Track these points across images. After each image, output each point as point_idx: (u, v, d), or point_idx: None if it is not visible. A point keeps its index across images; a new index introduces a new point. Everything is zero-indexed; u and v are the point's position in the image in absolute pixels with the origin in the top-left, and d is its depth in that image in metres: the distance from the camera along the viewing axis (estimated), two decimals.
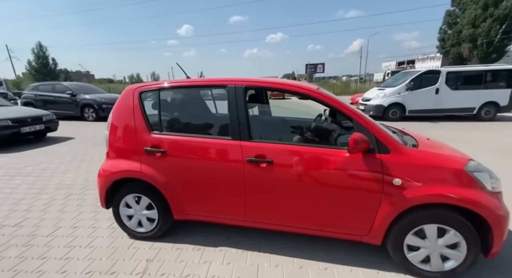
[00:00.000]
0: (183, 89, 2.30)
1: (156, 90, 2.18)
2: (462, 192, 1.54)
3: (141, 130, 2.11)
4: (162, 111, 2.15)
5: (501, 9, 28.25)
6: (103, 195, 2.26)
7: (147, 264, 1.95)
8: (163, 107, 2.16)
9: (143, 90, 2.19)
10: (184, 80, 2.20)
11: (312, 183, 1.78)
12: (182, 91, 2.36)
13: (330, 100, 1.80)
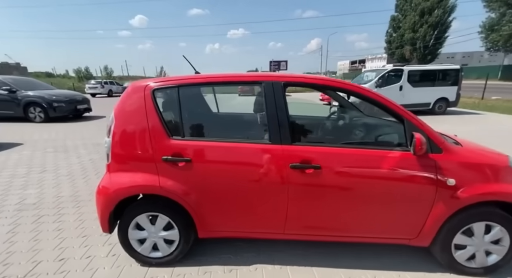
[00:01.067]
0: (207, 86, 1.97)
1: (175, 87, 1.82)
2: (510, 188, 1.60)
3: (157, 136, 1.74)
4: (183, 112, 1.80)
5: (434, 17, 32.29)
6: (106, 217, 1.83)
7: None
8: (184, 107, 1.82)
9: (158, 88, 1.81)
10: (208, 75, 1.88)
11: (362, 187, 1.67)
12: (206, 88, 2.03)
13: (380, 98, 1.72)
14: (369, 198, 1.69)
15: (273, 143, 1.70)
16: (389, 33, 37.92)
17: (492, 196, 1.60)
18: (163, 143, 1.74)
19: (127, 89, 1.88)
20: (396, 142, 1.74)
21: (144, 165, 1.76)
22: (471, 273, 1.76)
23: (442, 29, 32.83)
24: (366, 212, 1.72)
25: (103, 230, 1.90)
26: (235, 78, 1.89)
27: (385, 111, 1.72)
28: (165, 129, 1.75)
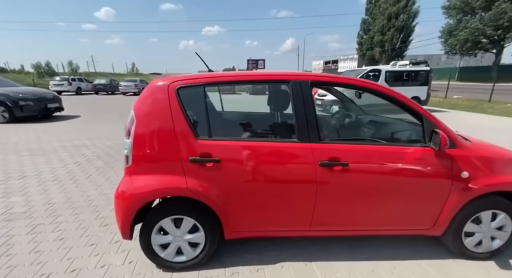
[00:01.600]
0: (233, 84, 1.92)
1: (200, 85, 1.76)
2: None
3: (184, 136, 1.67)
4: (209, 111, 1.75)
5: (400, 21, 34.56)
6: (128, 223, 1.73)
7: None
8: (210, 106, 1.76)
9: (182, 86, 1.73)
10: (235, 73, 1.84)
11: (386, 182, 1.77)
12: (231, 86, 1.98)
13: (402, 98, 1.82)
14: (391, 192, 1.79)
15: (302, 141, 1.72)
16: (360, 35, 39.85)
17: (499, 186, 1.78)
18: (190, 143, 1.68)
19: (148, 87, 1.78)
20: (414, 139, 1.86)
21: (170, 167, 1.69)
22: (478, 258, 1.95)
23: (407, 33, 35.25)
24: (388, 205, 1.82)
25: (123, 237, 1.79)
26: (263, 76, 1.88)
27: (406, 110, 1.82)
28: (192, 129, 1.69)
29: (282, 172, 1.73)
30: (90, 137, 5.91)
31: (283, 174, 1.73)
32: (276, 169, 1.73)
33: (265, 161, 1.73)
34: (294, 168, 1.73)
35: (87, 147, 5.11)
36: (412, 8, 34.00)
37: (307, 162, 1.70)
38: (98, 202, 2.85)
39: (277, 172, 1.73)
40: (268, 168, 1.73)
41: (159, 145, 1.70)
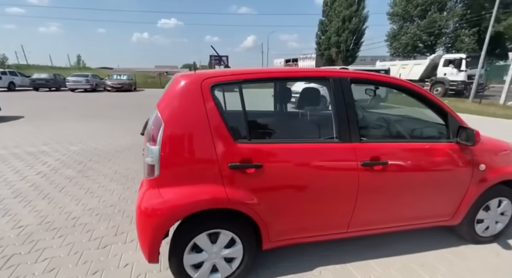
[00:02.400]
0: (272, 81, 1.76)
1: (237, 82, 1.57)
2: None
3: (221, 140, 1.48)
4: (247, 111, 1.57)
5: (353, 24, 37.32)
6: (158, 244, 1.47)
7: None
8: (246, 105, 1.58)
9: (217, 83, 1.52)
10: (274, 70, 1.68)
11: (418, 178, 1.83)
12: (268, 84, 1.81)
13: (432, 96, 1.90)
14: (422, 187, 1.86)
15: (343, 141, 1.66)
16: (318, 36, 41.95)
17: (506, 176, 1.99)
18: (228, 148, 1.49)
19: (173, 84, 1.52)
20: (439, 135, 1.95)
21: (206, 175, 1.48)
22: (485, 242, 2.16)
23: (359, 35, 38.25)
24: (419, 201, 1.89)
25: (151, 261, 1.52)
26: (300, 73, 1.76)
27: (433, 107, 1.90)
28: (230, 131, 1.50)
29: (325, 174, 1.66)
30: (46, 142, 5.03)
31: (326, 176, 1.66)
32: (319, 171, 1.64)
33: (308, 163, 1.63)
34: (337, 169, 1.67)
35: (47, 153, 4.33)
36: (363, 13, 37.00)
37: (350, 163, 1.66)
38: (85, 219, 2.41)
39: (320, 175, 1.65)
40: (312, 171, 1.63)
41: (193, 151, 1.47)
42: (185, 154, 1.46)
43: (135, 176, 3.47)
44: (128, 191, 3.04)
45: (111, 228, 2.30)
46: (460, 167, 1.87)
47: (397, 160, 1.75)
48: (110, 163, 3.96)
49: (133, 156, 4.28)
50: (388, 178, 1.75)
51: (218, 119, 1.48)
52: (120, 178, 3.40)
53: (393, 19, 35.13)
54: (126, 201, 2.79)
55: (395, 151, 1.76)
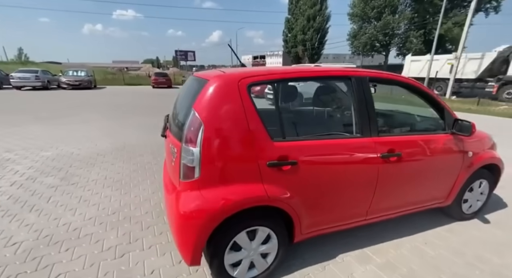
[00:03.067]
0: (303, 80, 1.80)
1: (272, 81, 1.60)
2: (495, 154, 2.38)
3: (260, 139, 1.51)
4: (281, 109, 1.62)
5: (317, 23, 38.82)
6: (201, 246, 1.46)
7: None
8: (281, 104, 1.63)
9: (254, 82, 1.53)
10: (300, 69, 1.74)
11: (425, 166, 2.07)
12: (298, 83, 1.85)
13: (434, 95, 2.14)
14: (427, 174, 2.10)
15: (364, 136, 1.80)
16: (285, 33, 42.82)
17: (486, 161, 2.33)
18: (266, 147, 1.53)
19: (210, 84, 1.49)
20: (436, 127, 2.20)
21: (247, 174, 1.50)
22: (468, 218, 2.52)
23: (323, 34, 39.97)
24: (424, 186, 2.14)
25: (192, 263, 1.50)
26: (327, 72, 1.85)
27: (432, 104, 2.15)
28: (267, 130, 1.54)
29: (350, 167, 1.78)
30: (8, 148, 4.43)
31: (352, 169, 1.79)
32: (345, 164, 1.77)
33: (336, 158, 1.74)
34: (362, 162, 1.80)
35: (15, 161, 3.83)
36: (326, 12, 38.66)
37: (371, 156, 1.81)
38: (90, 229, 2.23)
39: (346, 168, 1.77)
40: (339, 165, 1.75)
41: (233, 151, 1.48)
42: (225, 154, 1.46)
43: (129, 180, 3.27)
44: (127, 196, 2.86)
45: (122, 236, 2.17)
46: (454, 154, 2.15)
47: (408, 150, 1.94)
48: (95, 168, 3.66)
49: (119, 160, 4.01)
50: (401, 167, 1.94)
51: (256, 119, 1.50)
52: (114, 183, 3.18)
53: (353, 20, 37.30)
54: (128, 207, 2.63)
55: (405, 143, 1.96)
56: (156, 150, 4.52)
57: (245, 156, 1.49)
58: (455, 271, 1.86)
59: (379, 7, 32.79)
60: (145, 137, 5.31)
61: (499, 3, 28.98)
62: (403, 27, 34.18)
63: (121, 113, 8.19)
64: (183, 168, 1.49)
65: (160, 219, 2.43)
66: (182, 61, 51.47)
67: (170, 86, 19.65)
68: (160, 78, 19.55)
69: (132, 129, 6.01)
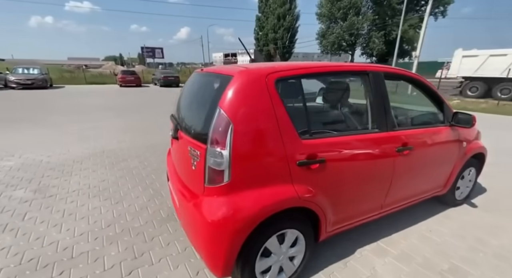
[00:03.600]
0: (325, 75, 1.75)
1: (299, 77, 1.53)
2: (481, 143, 2.59)
3: (289, 137, 1.43)
4: (307, 106, 1.55)
5: (287, 22, 39.52)
6: (234, 255, 1.35)
7: None
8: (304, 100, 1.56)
9: (281, 78, 1.45)
10: (324, 64, 1.69)
11: (431, 157, 2.17)
12: (322, 78, 1.79)
13: (435, 90, 2.24)
14: (433, 164, 2.22)
15: (381, 130, 1.82)
16: (256, 31, 42.91)
17: (475, 151, 2.53)
18: (296, 145, 1.46)
19: (235, 80, 1.37)
20: (437, 120, 2.30)
21: (277, 175, 1.42)
22: (459, 204, 2.71)
23: (293, 33, 40.81)
24: (430, 176, 2.25)
25: (223, 275, 1.39)
26: (347, 67, 1.85)
27: (434, 98, 2.25)
28: (295, 128, 1.47)
29: (372, 162, 1.80)
30: None
31: (373, 163, 1.80)
32: (367, 160, 1.77)
33: (361, 153, 1.73)
34: (381, 156, 1.81)
35: None
36: (295, 12, 39.51)
37: (389, 150, 1.84)
38: (84, 247, 1.97)
39: (368, 163, 1.78)
40: (362, 160, 1.75)
41: (264, 151, 1.38)
42: (256, 155, 1.36)
43: (117, 188, 2.97)
44: (119, 206, 2.59)
45: (124, 251, 1.94)
46: (453, 145, 2.30)
47: (417, 143, 2.01)
48: (74, 176, 3.26)
49: (100, 166, 3.64)
50: (412, 159, 2.00)
51: (284, 116, 1.42)
52: (100, 192, 2.86)
53: (321, 20, 38.60)
54: (124, 218, 2.38)
55: (415, 136, 2.02)
56: (141, 153, 4.19)
57: (276, 156, 1.40)
58: (462, 254, 1.98)
59: (345, 8, 34.37)
60: (125, 140, 4.90)
61: (445, 9, 32.37)
62: (367, 28, 36.21)
63: (90, 114, 7.49)
64: (208, 172, 1.36)
65: (164, 229, 2.23)
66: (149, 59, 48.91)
67: (139, 84, 18.53)
68: (128, 76, 18.33)
69: (107, 132, 5.51)
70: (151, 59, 45.10)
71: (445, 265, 1.87)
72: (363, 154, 1.75)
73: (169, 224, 2.30)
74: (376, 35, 34.80)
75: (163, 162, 3.79)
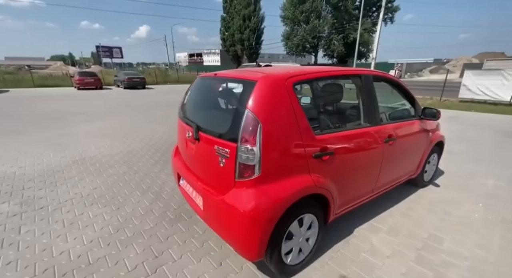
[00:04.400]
0: (329, 79, 1.99)
1: (311, 80, 1.77)
2: (441, 133, 3.12)
3: (306, 133, 1.66)
4: (317, 105, 1.79)
5: (253, 23, 40.01)
6: (267, 239, 1.54)
7: None
8: (315, 100, 1.80)
9: (298, 81, 1.67)
10: (333, 68, 1.94)
11: (408, 144, 2.57)
12: (326, 81, 2.02)
13: (409, 90, 2.64)
14: (410, 151, 2.64)
15: (372, 125, 2.15)
16: (222, 32, 42.69)
17: (439, 138, 3.04)
18: (311, 140, 1.69)
19: (261, 84, 1.54)
20: (411, 114, 2.72)
21: (298, 166, 1.64)
22: (426, 185, 3.22)
23: (259, 34, 41.48)
24: (407, 161, 2.66)
25: (258, 258, 1.56)
26: (348, 72, 2.16)
27: (407, 96, 2.67)
28: (310, 125, 1.70)
29: (366, 152, 2.11)
30: None
31: (367, 153, 2.12)
32: (363, 150, 2.07)
33: (359, 145, 2.02)
34: (373, 146, 2.14)
35: None
36: (260, 13, 40.20)
37: (379, 141, 2.17)
38: (99, 252, 1.96)
39: (364, 153, 2.09)
40: (359, 151, 2.04)
41: (288, 146, 1.59)
42: (282, 150, 1.56)
43: (114, 195, 2.91)
44: (122, 211, 2.56)
45: (143, 252, 1.98)
46: (423, 135, 2.75)
47: (399, 134, 2.39)
48: (61, 186, 3.09)
49: (87, 174, 3.48)
50: (395, 148, 2.37)
51: (302, 115, 1.64)
52: (96, 200, 2.78)
53: (285, 22, 39.89)
54: (131, 222, 2.38)
55: (397, 128, 2.40)
56: (127, 159, 4.07)
57: (297, 150, 1.61)
58: (435, 225, 2.41)
59: (307, 11, 36.02)
60: (104, 146, 4.69)
61: (393, 15, 36.16)
62: (327, 31, 38.37)
63: (57, 121, 6.90)
64: (239, 167, 1.51)
65: (176, 228, 2.30)
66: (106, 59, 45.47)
67: (100, 87, 17.27)
68: (87, 78, 16.95)
69: (81, 139, 5.18)
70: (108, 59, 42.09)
71: (425, 234, 2.27)
72: (360, 145, 2.05)
73: (180, 224, 2.37)
74: (336, 38, 37.06)
75: (154, 166, 3.78)
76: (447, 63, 40.30)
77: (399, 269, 1.86)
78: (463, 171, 3.69)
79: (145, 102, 10.83)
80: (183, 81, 23.23)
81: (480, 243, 2.14)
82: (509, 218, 2.52)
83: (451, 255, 2.01)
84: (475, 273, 1.82)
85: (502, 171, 3.67)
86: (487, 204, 2.77)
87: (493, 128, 6.27)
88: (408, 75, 34.17)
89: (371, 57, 18.04)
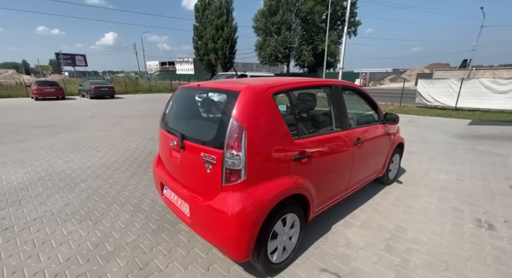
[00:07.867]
0: (304, 89, 2.16)
1: (288, 90, 1.94)
2: (401, 135, 3.50)
3: (285, 138, 1.82)
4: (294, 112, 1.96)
5: (226, 33, 40.47)
6: (254, 240, 1.63)
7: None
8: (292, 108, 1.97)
9: (277, 91, 1.83)
10: (308, 79, 2.13)
11: (374, 146, 2.85)
12: (301, 91, 2.18)
13: (371, 97, 2.95)
14: (376, 152, 2.92)
15: (343, 129, 2.38)
16: (195, 40, 42.56)
17: (399, 140, 3.40)
18: (291, 145, 1.85)
19: (244, 94, 1.67)
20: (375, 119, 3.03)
21: (279, 169, 1.78)
22: (391, 183, 3.55)
23: (232, 44, 42.05)
24: (374, 161, 2.94)
25: (246, 258, 1.64)
26: (321, 82, 2.37)
27: (370, 103, 2.98)
28: (289, 131, 1.86)
29: (339, 154, 2.31)
30: None
31: (340, 155, 2.33)
32: (337, 152, 2.28)
33: (332, 147, 2.22)
34: (345, 149, 2.36)
35: None
36: (232, 24, 40.90)
37: (349, 143, 2.40)
38: (79, 269, 1.89)
39: (337, 154, 2.29)
40: (333, 153, 2.24)
41: (270, 150, 1.72)
42: (265, 154, 1.69)
43: (89, 210, 2.79)
44: (100, 225, 2.48)
45: (127, 265, 1.94)
46: (386, 137, 3.07)
47: (366, 137, 2.66)
48: (26, 205, 2.88)
49: (56, 190, 3.28)
50: (363, 150, 2.63)
51: (282, 122, 1.79)
52: (70, 216, 2.64)
53: (258, 33, 40.98)
54: (111, 236, 2.31)
55: (364, 132, 2.67)
56: (101, 172, 3.90)
57: (278, 154, 1.75)
58: (400, 217, 2.69)
59: (278, 23, 37.45)
60: (72, 160, 4.43)
61: (356, 29, 39.20)
62: (297, 42, 40.13)
63: (13, 134, 6.34)
64: (225, 172, 1.61)
65: (160, 238, 2.29)
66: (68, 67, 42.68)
67: (62, 97, 16.14)
68: (47, 87, 15.72)
69: (45, 153, 4.84)
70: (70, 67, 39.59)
71: (391, 225, 2.53)
72: (333, 147, 2.25)
73: (164, 234, 2.36)
74: (306, 48, 38.87)
75: (131, 178, 3.68)
76: (404, 73, 44.38)
77: (372, 258, 2.06)
78: (420, 168, 4.14)
79: (115, 113, 10.37)
80: (156, 91, 22.62)
81: (436, 230, 2.44)
82: (458, 207, 2.89)
83: (413, 242, 2.27)
84: (433, 256, 2.08)
85: (451, 167, 4.18)
86: (440, 196, 3.15)
87: (443, 130, 7.07)
88: (371, 83, 36.94)
89: (339, 67, 19.29)
